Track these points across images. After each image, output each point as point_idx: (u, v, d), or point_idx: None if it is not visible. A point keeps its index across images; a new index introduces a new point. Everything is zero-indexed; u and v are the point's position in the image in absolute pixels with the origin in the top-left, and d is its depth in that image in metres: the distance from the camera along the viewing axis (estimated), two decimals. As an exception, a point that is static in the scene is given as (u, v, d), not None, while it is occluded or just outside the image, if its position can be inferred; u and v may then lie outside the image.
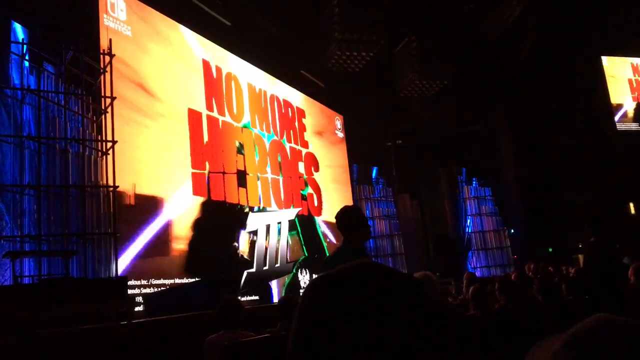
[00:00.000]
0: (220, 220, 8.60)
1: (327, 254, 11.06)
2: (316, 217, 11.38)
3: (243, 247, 8.90)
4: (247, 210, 9.21)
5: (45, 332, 3.76)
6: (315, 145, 12.05)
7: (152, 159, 7.46)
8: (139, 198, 7.04)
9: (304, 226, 10.85)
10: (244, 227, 9.05)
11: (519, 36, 11.82)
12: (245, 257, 8.93)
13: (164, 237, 7.31)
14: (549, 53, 12.99)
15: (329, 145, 12.87)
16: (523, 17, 10.90)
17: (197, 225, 7.98)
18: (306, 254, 10.57)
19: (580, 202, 13.91)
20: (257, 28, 10.22)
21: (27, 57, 6.26)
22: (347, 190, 13.18)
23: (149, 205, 7.19)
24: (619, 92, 15.65)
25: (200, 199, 8.16)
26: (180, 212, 7.71)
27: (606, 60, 15.67)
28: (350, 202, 12.92)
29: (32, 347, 3.58)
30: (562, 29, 12.37)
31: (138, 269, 6.67)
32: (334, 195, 12.31)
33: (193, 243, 7.73)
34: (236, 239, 8.81)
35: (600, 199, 13.52)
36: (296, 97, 11.82)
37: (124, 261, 6.49)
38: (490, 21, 10.98)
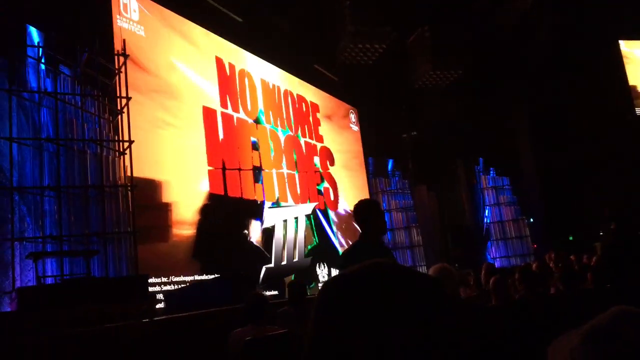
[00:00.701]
0: (237, 216, 8.65)
1: (334, 244, 11.08)
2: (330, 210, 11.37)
3: (256, 238, 8.92)
4: (261, 204, 9.24)
5: (68, 332, 3.81)
6: (324, 130, 12.02)
7: (169, 157, 7.52)
8: (157, 196, 7.10)
9: (317, 218, 10.86)
10: (260, 222, 9.09)
11: (535, 23, 11.67)
12: (261, 248, 8.96)
13: (180, 233, 7.37)
14: (566, 39, 12.81)
15: (338, 129, 12.83)
16: (539, 4, 10.76)
17: (214, 221, 8.03)
18: (317, 241, 10.57)
19: (600, 189, 13.73)
20: (269, 24, 10.23)
21: (43, 61, 6.33)
22: (362, 177, 13.15)
23: (166, 203, 7.25)
24: (638, 77, 15.38)
25: (217, 196, 8.21)
26: (197, 209, 7.76)
27: (624, 45, 15.39)
28: (365, 189, 12.93)
29: (56, 346, 3.64)
30: (578, 14, 12.18)
31: (156, 266, 6.74)
32: (345, 181, 12.28)
33: (209, 239, 7.78)
34: (247, 227, 8.82)
35: (620, 185, 13.33)
36: (310, 92, 11.80)
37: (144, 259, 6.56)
38: (505, 9, 10.86)
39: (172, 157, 7.56)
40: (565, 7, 11.78)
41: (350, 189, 12.27)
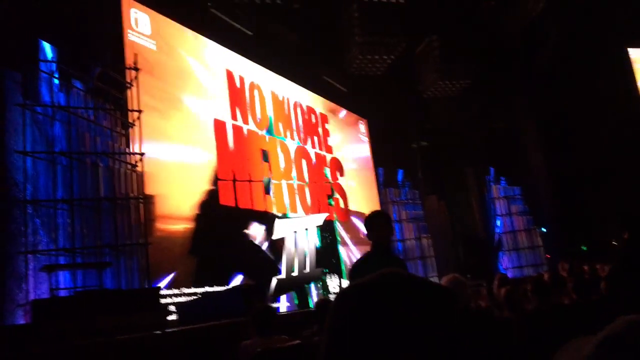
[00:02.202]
0: (248, 227, 8.66)
1: (341, 258, 11.04)
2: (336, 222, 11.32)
3: (267, 249, 8.90)
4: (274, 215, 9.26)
5: (81, 344, 3.83)
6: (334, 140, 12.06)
7: (180, 169, 7.57)
8: (168, 208, 7.15)
9: (327, 231, 10.84)
10: (271, 233, 9.10)
11: (542, 31, 11.66)
12: (272, 258, 8.96)
13: (191, 245, 7.39)
14: (574, 47, 12.77)
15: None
16: (545, 12, 10.75)
17: (224, 232, 8.06)
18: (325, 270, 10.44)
19: (612, 197, 13.60)
20: (278, 36, 10.29)
21: (56, 75, 6.43)
22: (372, 188, 13.15)
23: (177, 215, 7.29)
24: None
25: (227, 208, 8.24)
26: (208, 220, 7.79)
27: (633, 52, 15.33)
28: (375, 199, 12.92)
29: (69, 358, 3.66)
30: (586, 22, 12.15)
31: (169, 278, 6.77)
32: (355, 191, 12.29)
33: (218, 250, 7.79)
34: (258, 238, 8.81)
35: (633, 193, 13.20)
36: (319, 103, 11.86)
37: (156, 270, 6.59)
38: (512, 17, 10.86)
39: (183, 168, 7.61)
40: (573, 14, 11.77)
41: (361, 199, 12.27)
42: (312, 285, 9.75)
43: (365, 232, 3.30)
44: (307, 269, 9.78)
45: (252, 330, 3.46)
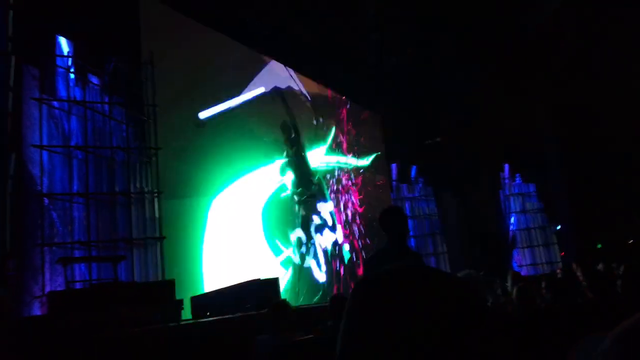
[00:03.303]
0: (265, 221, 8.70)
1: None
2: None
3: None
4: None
5: (96, 335, 3.88)
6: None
7: (195, 164, 7.60)
8: (183, 203, 7.19)
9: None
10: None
11: (561, 26, 11.52)
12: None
13: (206, 239, 7.44)
14: (593, 40, 12.59)
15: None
16: (564, 5, 10.63)
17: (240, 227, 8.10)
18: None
19: (629, 196, 13.43)
20: (291, 32, 10.23)
21: (72, 70, 6.48)
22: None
23: (192, 210, 7.33)
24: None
25: (242, 202, 8.27)
26: (223, 215, 7.82)
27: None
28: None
29: (84, 350, 3.70)
30: (603, 14, 11.96)
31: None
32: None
33: (234, 246, 7.83)
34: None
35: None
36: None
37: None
38: (531, 10, 10.75)
39: (197, 163, 7.64)
40: (592, 7, 11.59)
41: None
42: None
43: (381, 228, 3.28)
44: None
45: (268, 324, 3.47)
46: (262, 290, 5.48)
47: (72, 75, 6.48)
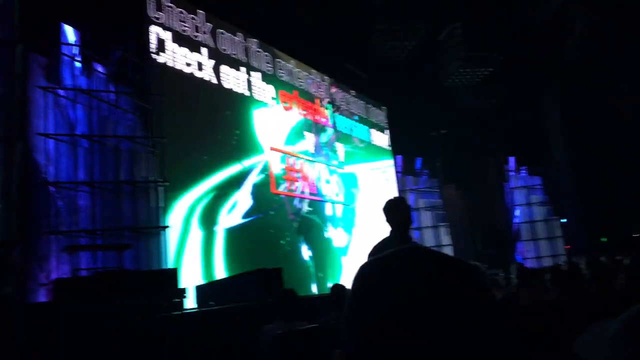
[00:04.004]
0: (269, 212, 8.70)
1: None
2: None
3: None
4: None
5: (101, 324, 3.90)
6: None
7: (200, 152, 7.59)
8: (187, 192, 7.20)
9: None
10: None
11: (569, 19, 11.42)
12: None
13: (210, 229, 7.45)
14: (600, 35, 12.49)
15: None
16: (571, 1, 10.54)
17: (246, 217, 8.11)
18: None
19: (635, 188, 13.37)
20: (300, 25, 10.17)
21: (78, 59, 6.48)
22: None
23: (196, 199, 7.34)
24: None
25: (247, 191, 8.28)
26: (229, 204, 7.83)
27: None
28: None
29: (89, 336, 3.72)
30: (612, 8, 11.86)
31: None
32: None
33: (240, 236, 7.85)
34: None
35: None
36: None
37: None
38: (538, 3, 10.66)
39: (203, 151, 7.63)
40: (600, 2, 11.48)
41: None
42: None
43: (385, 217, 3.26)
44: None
45: (275, 313, 3.48)
46: (266, 280, 5.49)
47: (78, 64, 6.48)
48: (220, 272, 7.28)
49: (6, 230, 5.13)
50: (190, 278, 6.65)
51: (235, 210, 7.96)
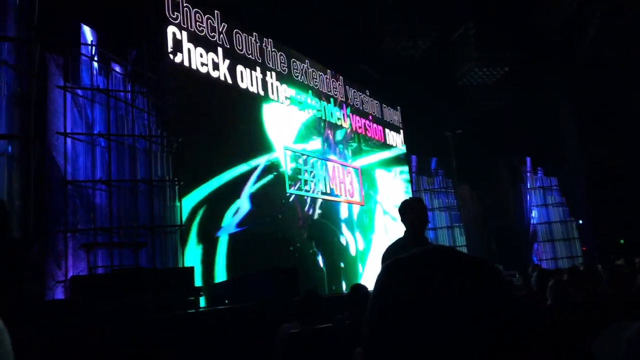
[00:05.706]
0: (280, 213, 8.70)
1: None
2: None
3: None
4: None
5: (117, 321, 3.93)
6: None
7: (216, 151, 7.62)
8: (204, 191, 7.23)
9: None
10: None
11: (583, 18, 11.29)
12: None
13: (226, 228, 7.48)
14: (615, 35, 12.33)
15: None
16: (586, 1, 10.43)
17: (257, 218, 8.12)
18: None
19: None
20: (312, 26, 10.16)
21: (96, 59, 6.55)
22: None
23: (212, 198, 7.36)
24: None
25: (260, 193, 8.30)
26: (242, 204, 7.86)
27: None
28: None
29: (105, 333, 3.76)
30: (628, 10, 11.70)
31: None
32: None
33: (252, 235, 7.86)
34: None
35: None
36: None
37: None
38: (553, 4, 10.56)
39: (218, 151, 7.66)
40: (615, 3, 11.34)
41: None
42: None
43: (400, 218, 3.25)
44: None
45: (296, 313, 3.49)
46: (280, 280, 5.50)
47: (95, 64, 6.55)
48: (221, 274, 7.26)
49: (24, 228, 5.19)
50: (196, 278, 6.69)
51: (238, 212, 7.91)
